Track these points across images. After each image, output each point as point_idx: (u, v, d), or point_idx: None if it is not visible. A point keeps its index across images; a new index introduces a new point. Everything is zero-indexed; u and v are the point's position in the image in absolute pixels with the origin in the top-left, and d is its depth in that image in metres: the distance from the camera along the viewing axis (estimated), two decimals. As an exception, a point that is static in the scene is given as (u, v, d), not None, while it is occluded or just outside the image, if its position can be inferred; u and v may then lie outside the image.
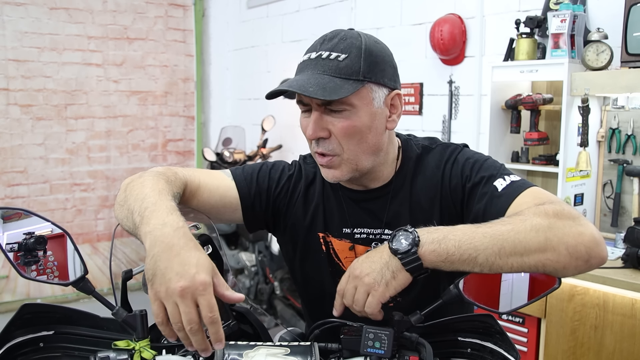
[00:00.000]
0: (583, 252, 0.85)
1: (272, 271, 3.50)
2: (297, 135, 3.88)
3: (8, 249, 0.87)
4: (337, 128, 1.00)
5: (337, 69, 0.98)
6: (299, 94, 1.01)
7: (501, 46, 2.64)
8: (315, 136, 1.01)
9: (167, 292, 0.75)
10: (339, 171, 1.04)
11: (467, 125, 2.91)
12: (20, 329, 0.85)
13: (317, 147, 1.03)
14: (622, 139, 2.34)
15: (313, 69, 1.00)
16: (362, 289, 0.88)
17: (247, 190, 1.15)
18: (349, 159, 1.03)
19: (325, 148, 1.02)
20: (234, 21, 4.49)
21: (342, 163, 1.03)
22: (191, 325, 0.75)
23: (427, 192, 1.10)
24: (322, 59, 1.00)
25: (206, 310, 0.74)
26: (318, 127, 1.01)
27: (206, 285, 0.75)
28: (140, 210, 0.86)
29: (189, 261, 0.77)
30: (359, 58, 1.00)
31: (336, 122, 1.00)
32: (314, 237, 1.16)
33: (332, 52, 1.00)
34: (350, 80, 0.98)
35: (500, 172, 1.03)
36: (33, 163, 3.94)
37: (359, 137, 1.02)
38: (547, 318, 2.13)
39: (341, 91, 0.97)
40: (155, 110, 4.38)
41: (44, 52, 3.90)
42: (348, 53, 0.99)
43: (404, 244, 0.87)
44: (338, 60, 0.99)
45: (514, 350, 0.84)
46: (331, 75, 0.98)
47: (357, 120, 1.00)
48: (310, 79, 0.98)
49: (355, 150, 1.02)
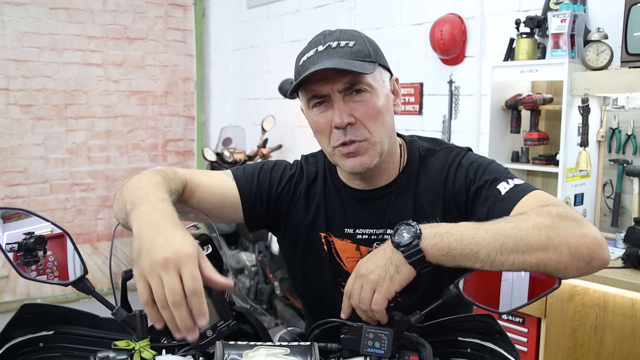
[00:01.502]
0: (585, 253, 0.85)
1: (272, 271, 3.50)
2: (297, 135, 3.88)
3: (8, 249, 0.87)
4: (361, 111, 1.02)
5: (352, 53, 1.01)
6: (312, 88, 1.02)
7: (501, 46, 2.64)
8: (344, 123, 1.01)
9: (150, 266, 0.74)
10: (367, 157, 1.04)
11: (467, 125, 2.91)
12: (20, 329, 0.85)
13: (344, 136, 1.02)
14: (622, 139, 2.34)
15: (328, 57, 1.01)
16: (367, 286, 0.88)
17: (248, 190, 1.15)
18: (376, 142, 1.04)
19: (353, 134, 1.02)
20: (234, 21, 4.49)
21: (370, 148, 1.04)
22: (174, 296, 0.72)
23: (430, 194, 1.10)
24: (333, 48, 1.01)
25: (189, 280, 0.73)
26: (345, 113, 1.01)
27: (190, 256, 0.74)
28: (132, 200, 0.87)
29: (174, 237, 0.76)
30: (365, 43, 1.04)
31: (359, 106, 1.02)
32: (316, 236, 1.16)
33: (340, 41, 1.02)
34: (366, 62, 1.01)
35: (504, 175, 1.03)
36: (33, 163, 3.94)
37: (382, 119, 1.04)
38: (547, 318, 2.13)
39: (367, 68, 1.00)
40: (155, 110, 4.38)
41: (44, 52, 3.90)
42: (355, 40, 1.03)
43: (406, 237, 0.87)
44: (349, 47, 1.02)
45: (514, 350, 0.84)
46: (349, 58, 1.00)
47: (378, 102, 1.03)
48: (332, 62, 0.99)
49: (380, 133, 1.04)
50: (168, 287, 0.73)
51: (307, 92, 1.04)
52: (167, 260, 0.73)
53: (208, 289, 0.90)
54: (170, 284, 0.73)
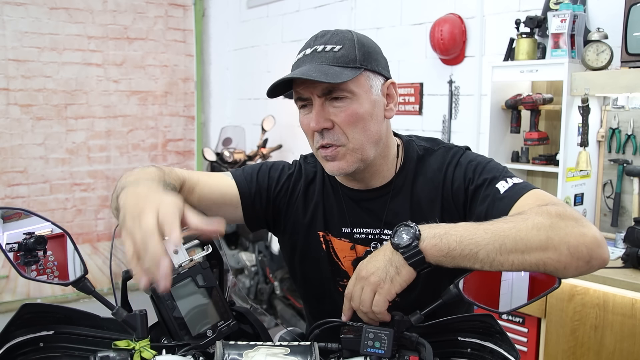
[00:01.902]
0: (584, 252, 0.85)
1: (272, 271, 3.50)
2: (297, 135, 3.88)
3: (8, 249, 0.87)
4: (340, 117, 1.01)
5: (334, 58, 1.01)
6: (297, 90, 1.02)
7: (501, 46, 2.64)
8: (319, 127, 1.01)
9: (132, 221, 0.75)
10: (345, 162, 1.04)
11: (467, 125, 2.91)
12: (20, 329, 0.85)
13: (321, 140, 1.03)
14: (622, 139, 2.34)
15: (310, 62, 1.01)
16: (368, 288, 0.88)
17: (248, 190, 1.15)
18: (354, 149, 1.03)
19: (330, 139, 1.03)
20: (234, 21, 4.49)
21: (347, 153, 1.04)
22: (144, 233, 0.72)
23: (428, 194, 1.10)
24: (318, 52, 1.02)
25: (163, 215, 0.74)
26: (321, 118, 1.01)
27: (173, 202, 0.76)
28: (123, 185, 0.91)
29: (159, 197, 0.79)
30: (353, 48, 1.02)
31: (338, 111, 1.02)
32: (314, 235, 1.16)
33: (326, 45, 1.02)
34: (348, 68, 1.00)
35: (502, 174, 1.03)
36: (33, 163, 3.94)
37: (362, 125, 1.03)
38: (547, 318, 2.12)
39: (342, 76, 0.98)
40: (155, 110, 4.38)
41: (44, 52, 3.90)
42: (342, 44, 1.02)
43: (405, 239, 0.87)
44: (334, 51, 1.01)
45: (514, 350, 0.84)
46: (329, 64, 1.00)
47: (359, 108, 1.02)
48: (310, 68, 1.00)
49: (359, 139, 1.03)
50: (142, 226, 0.73)
51: (295, 93, 1.06)
52: (148, 208, 0.75)
53: (208, 289, 0.90)
54: (145, 223, 0.73)
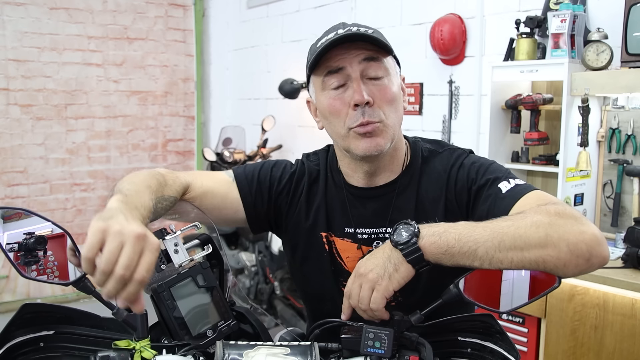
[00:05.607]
0: (584, 250, 0.85)
1: (272, 271, 3.50)
2: (297, 135, 3.88)
3: (8, 249, 0.87)
4: (379, 95, 1.04)
5: (371, 34, 1.03)
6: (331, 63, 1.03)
7: (501, 46, 2.64)
8: (365, 100, 1.02)
9: (121, 230, 0.75)
10: (382, 138, 1.04)
11: (467, 125, 2.91)
12: (21, 329, 0.85)
13: (362, 117, 1.03)
14: (622, 139, 2.34)
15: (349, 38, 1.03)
16: (366, 285, 0.88)
17: (248, 189, 1.15)
18: (390, 126, 1.05)
19: (370, 115, 1.03)
20: (234, 21, 4.49)
21: (385, 130, 1.05)
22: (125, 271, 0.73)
23: (432, 194, 1.10)
24: (353, 32, 1.03)
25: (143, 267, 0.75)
26: (365, 92, 1.02)
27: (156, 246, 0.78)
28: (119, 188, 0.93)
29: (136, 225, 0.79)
30: (380, 34, 1.06)
31: (376, 89, 1.04)
32: (317, 236, 1.16)
33: (359, 28, 1.04)
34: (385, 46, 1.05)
35: (505, 175, 1.04)
36: (33, 163, 3.94)
37: (396, 106, 1.06)
38: (547, 318, 2.12)
39: (389, 47, 1.04)
40: (155, 110, 4.38)
41: (44, 52, 3.90)
42: (372, 30, 1.05)
43: (404, 236, 0.87)
44: (370, 31, 1.04)
45: (514, 350, 0.84)
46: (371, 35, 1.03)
47: (394, 87, 1.06)
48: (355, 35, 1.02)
49: (393, 118, 1.06)
50: (126, 259, 0.74)
51: (322, 70, 1.05)
52: (139, 237, 0.75)
53: (209, 289, 0.91)
54: (129, 258, 0.74)
